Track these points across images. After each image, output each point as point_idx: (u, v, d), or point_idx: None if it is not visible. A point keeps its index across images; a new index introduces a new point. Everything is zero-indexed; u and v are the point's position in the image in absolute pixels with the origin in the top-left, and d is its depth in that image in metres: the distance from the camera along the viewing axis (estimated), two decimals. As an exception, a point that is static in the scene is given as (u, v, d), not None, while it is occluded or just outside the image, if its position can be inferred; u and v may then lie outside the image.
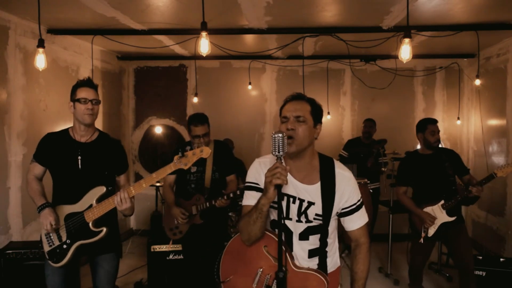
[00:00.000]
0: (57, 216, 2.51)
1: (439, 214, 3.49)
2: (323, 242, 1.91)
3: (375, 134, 5.67)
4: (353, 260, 1.96)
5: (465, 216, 6.07)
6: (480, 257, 3.80)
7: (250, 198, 1.90)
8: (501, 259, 3.76)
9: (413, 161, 3.71)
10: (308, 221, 1.88)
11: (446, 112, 6.35)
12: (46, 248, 2.56)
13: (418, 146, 6.13)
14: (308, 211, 1.87)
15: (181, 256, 4.10)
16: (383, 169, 5.21)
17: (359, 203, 1.93)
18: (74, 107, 2.57)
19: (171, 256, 4.11)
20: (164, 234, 3.77)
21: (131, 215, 2.66)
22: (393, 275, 4.70)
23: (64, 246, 2.52)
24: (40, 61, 3.29)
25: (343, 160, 5.23)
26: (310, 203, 1.87)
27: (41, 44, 3.24)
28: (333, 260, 1.99)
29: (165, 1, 3.65)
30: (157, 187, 5.85)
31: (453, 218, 3.46)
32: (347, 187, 1.89)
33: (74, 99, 2.58)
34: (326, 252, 1.94)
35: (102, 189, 2.51)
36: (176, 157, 2.35)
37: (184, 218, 3.46)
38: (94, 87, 2.63)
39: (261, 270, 1.84)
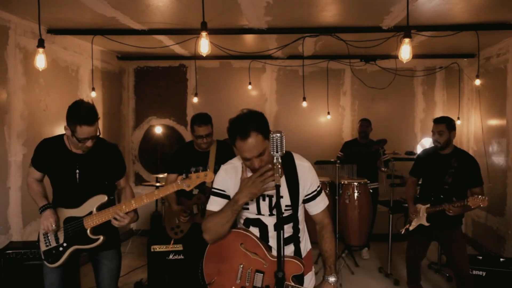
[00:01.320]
0: (57, 218, 2.51)
1: (421, 215, 3.56)
2: (296, 229, 2.06)
3: (373, 134, 5.66)
4: (321, 241, 2.12)
5: (465, 216, 6.08)
6: (480, 257, 3.80)
7: (214, 204, 2.01)
8: (501, 259, 3.77)
9: (428, 156, 3.72)
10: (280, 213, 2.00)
11: (446, 112, 6.32)
12: (43, 247, 2.56)
13: (418, 146, 6.18)
14: None
15: (181, 256, 4.10)
16: (383, 169, 5.21)
17: (319, 188, 2.10)
18: (71, 135, 2.43)
19: (171, 256, 4.11)
20: (164, 234, 3.77)
21: (135, 221, 2.66)
22: (393, 275, 4.70)
23: (60, 249, 2.52)
24: (40, 61, 3.28)
25: (341, 161, 5.24)
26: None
27: (41, 44, 3.23)
28: (305, 245, 2.14)
29: (165, 1, 3.65)
30: (157, 187, 5.84)
31: (427, 224, 3.51)
32: (308, 176, 2.05)
33: (73, 131, 2.41)
34: (299, 237, 2.08)
35: (103, 198, 2.52)
36: (179, 178, 2.39)
37: (186, 216, 3.46)
38: (97, 118, 2.46)
39: (241, 266, 1.95)
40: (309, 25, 4.43)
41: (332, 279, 2.01)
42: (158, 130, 6.49)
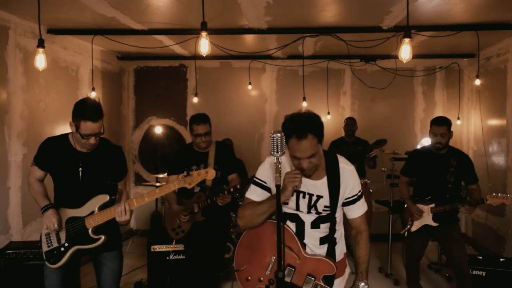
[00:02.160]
0: (60, 218, 2.51)
1: (426, 215, 3.54)
2: (332, 230, 2.07)
3: (374, 134, 5.66)
4: (356, 246, 2.13)
5: (465, 216, 6.08)
6: (480, 257, 3.80)
7: (254, 194, 2.08)
8: (501, 259, 3.77)
9: (422, 155, 3.71)
10: (317, 212, 2.04)
11: (446, 112, 6.33)
12: (45, 248, 2.56)
13: (418, 146, 6.17)
14: (318, 204, 2.02)
15: (181, 256, 4.10)
16: (383, 169, 5.21)
17: (359, 193, 2.10)
18: (76, 131, 2.45)
19: (171, 256, 4.11)
20: (165, 234, 3.77)
21: (126, 225, 2.68)
22: (393, 275, 4.70)
23: (62, 249, 2.52)
24: (40, 61, 3.28)
25: None
26: (319, 197, 2.02)
27: (41, 44, 3.24)
28: (341, 248, 2.16)
29: (165, 1, 3.65)
30: (157, 187, 5.83)
31: (435, 224, 3.50)
32: (350, 179, 2.05)
33: (77, 127, 2.43)
34: (335, 238, 2.10)
35: (105, 198, 2.52)
36: (181, 176, 2.41)
37: (186, 215, 3.47)
38: (102, 116, 2.46)
39: (274, 258, 1.96)
40: (309, 25, 4.43)
41: (362, 284, 2.04)
42: (158, 130, 6.49)
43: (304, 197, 2.02)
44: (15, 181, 4.04)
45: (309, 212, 2.03)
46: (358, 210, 2.11)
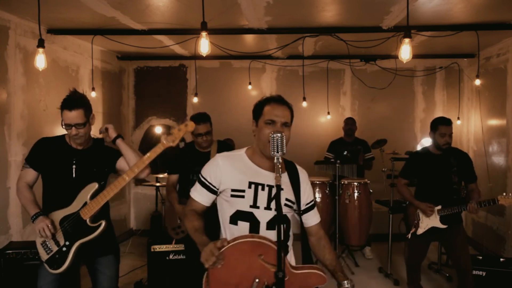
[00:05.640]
0: (52, 221, 2.46)
1: (432, 217, 3.50)
2: (286, 235, 1.97)
3: (374, 134, 5.67)
4: (323, 251, 2.08)
5: (465, 216, 6.08)
6: (480, 257, 3.80)
7: (197, 193, 2.06)
8: (501, 259, 3.77)
9: (422, 158, 3.68)
10: None
11: (446, 112, 6.33)
12: (45, 257, 2.50)
13: (418, 146, 6.18)
14: None
15: (182, 256, 4.10)
16: (383, 169, 5.21)
17: (314, 200, 2.14)
18: (61, 124, 2.50)
19: (171, 256, 4.11)
20: (164, 234, 3.77)
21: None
22: (393, 275, 4.69)
23: (64, 249, 2.46)
24: (40, 61, 3.29)
25: (328, 161, 5.27)
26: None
27: (41, 44, 3.24)
28: (291, 259, 2.00)
29: (165, 1, 3.66)
30: (157, 187, 5.84)
31: (444, 226, 3.46)
32: (308, 182, 2.09)
33: (62, 118, 2.49)
34: (288, 246, 1.99)
35: (94, 186, 2.48)
36: (163, 137, 2.42)
37: None
38: (80, 106, 2.46)
39: (257, 280, 1.75)
40: (309, 25, 4.43)
41: (346, 282, 1.96)
42: (158, 130, 6.50)
43: (263, 189, 1.91)
44: (15, 181, 3.97)
45: (267, 207, 1.90)
46: (315, 217, 2.10)
